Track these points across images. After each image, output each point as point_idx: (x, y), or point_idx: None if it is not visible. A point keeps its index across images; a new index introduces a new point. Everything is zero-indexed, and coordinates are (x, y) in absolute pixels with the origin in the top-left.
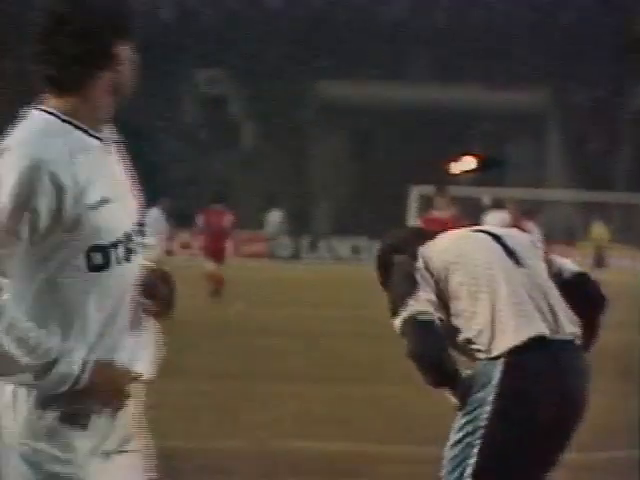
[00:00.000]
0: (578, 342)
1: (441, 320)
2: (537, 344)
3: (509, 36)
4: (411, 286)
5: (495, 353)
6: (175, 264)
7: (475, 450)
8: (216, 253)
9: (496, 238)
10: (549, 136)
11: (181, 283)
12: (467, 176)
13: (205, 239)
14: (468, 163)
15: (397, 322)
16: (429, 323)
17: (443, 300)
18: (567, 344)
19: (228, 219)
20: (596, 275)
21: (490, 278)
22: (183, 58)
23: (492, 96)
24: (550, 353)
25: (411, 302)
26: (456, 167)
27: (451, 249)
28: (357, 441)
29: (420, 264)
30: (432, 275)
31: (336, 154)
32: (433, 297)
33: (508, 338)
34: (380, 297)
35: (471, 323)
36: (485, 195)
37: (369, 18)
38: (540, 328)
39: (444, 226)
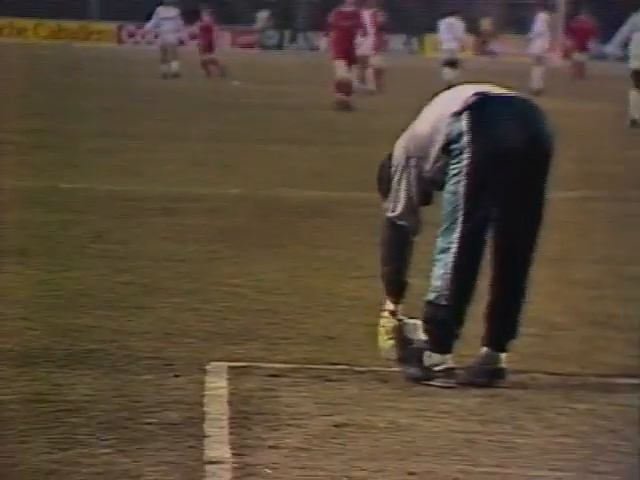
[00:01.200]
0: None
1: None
2: (492, 97)
3: None
4: (386, 189)
5: (458, 108)
6: (187, 50)
7: (462, 184)
8: (208, 44)
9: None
10: None
11: (189, 67)
12: None
13: (201, 33)
14: None
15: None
16: (392, 220)
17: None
18: (516, 97)
19: (210, 19)
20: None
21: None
22: None
23: None
24: (504, 101)
25: (385, 205)
26: None
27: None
28: (327, 189)
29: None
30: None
31: None
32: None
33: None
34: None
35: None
36: None
37: None
38: (486, 87)
39: (348, 18)
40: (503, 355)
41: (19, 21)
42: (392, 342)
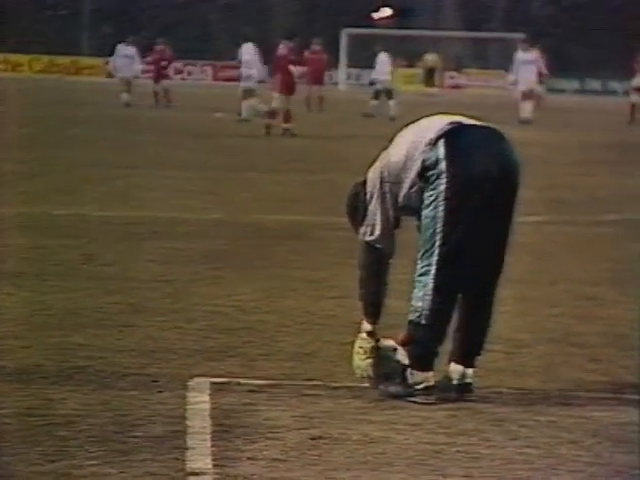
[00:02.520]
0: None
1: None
2: (466, 126)
3: None
4: (362, 214)
5: (434, 136)
6: (141, 83)
7: (440, 208)
8: (159, 76)
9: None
10: None
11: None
12: (386, 22)
13: (154, 67)
14: (386, 11)
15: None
16: (370, 244)
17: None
18: (488, 127)
19: (168, 53)
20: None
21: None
22: None
23: None
24: (477, 130)
25: (362, 229)
26: (377, 15)
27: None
28: (301, 214)
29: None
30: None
31: (289, 5)
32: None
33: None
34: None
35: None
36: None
37: None
38: (459, 118)
39: (284, 59)
40: (470, 371)
41: (14, 56)
42: (369, 361)
